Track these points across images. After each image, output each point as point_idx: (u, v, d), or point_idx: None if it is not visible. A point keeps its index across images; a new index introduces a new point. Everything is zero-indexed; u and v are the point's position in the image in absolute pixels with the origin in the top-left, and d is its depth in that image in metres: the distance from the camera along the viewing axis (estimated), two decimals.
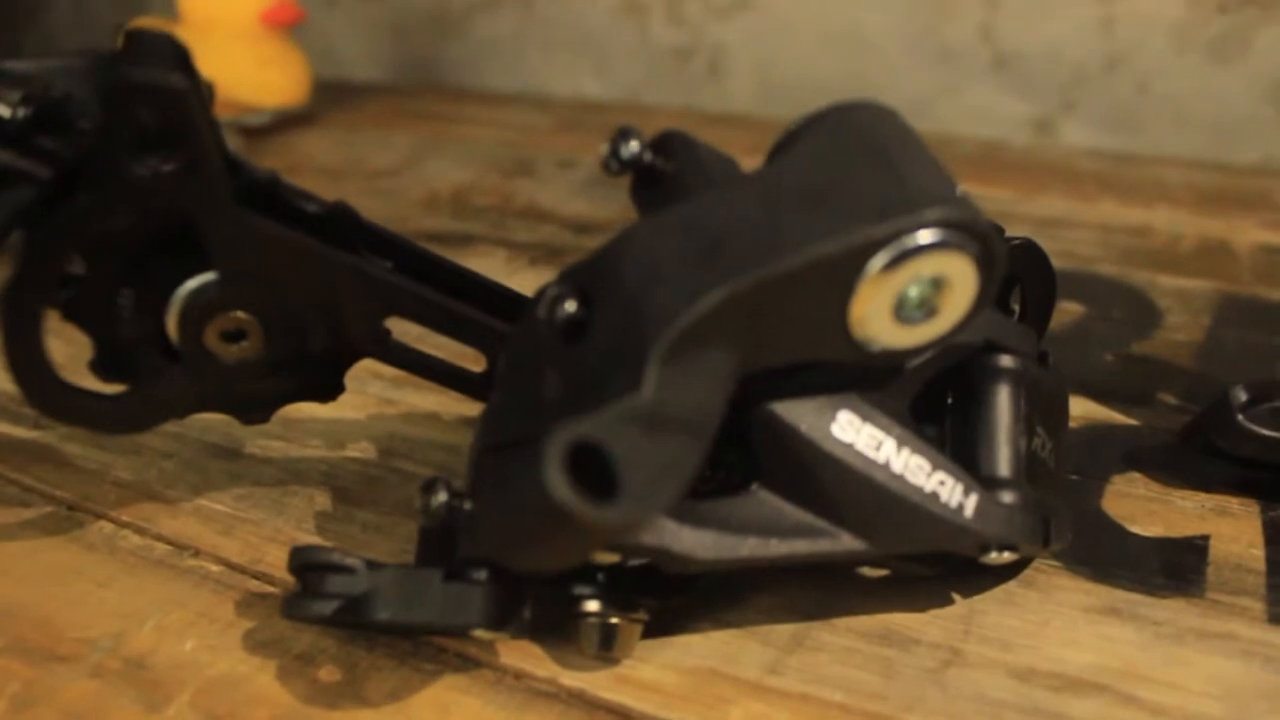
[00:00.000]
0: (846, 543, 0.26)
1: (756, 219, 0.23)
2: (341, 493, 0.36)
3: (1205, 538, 0.33)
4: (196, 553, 0.33)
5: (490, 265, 0.52)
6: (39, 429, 0.40)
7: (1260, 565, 0.32)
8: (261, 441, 0.39)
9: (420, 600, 0.27)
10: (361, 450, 0.38)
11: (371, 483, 0.36)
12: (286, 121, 0.78)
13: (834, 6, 0.74)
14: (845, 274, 0.23)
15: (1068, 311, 0.47)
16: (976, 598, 0.31)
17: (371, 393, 0.41)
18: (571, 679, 0.28)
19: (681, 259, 0.23)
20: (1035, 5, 0.69)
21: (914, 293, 0.24)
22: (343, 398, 0.37)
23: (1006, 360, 0.29)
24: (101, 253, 0.28)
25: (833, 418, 0.26)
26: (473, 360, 0.34)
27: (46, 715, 0.28)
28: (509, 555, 0.23)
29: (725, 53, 0.79)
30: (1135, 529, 0.33)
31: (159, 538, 0.34)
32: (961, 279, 0.24)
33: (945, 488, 0.26)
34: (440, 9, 0.88)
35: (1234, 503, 0.34)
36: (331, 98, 0.82)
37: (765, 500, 0.26)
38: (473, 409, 0.41)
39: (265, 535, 0.34)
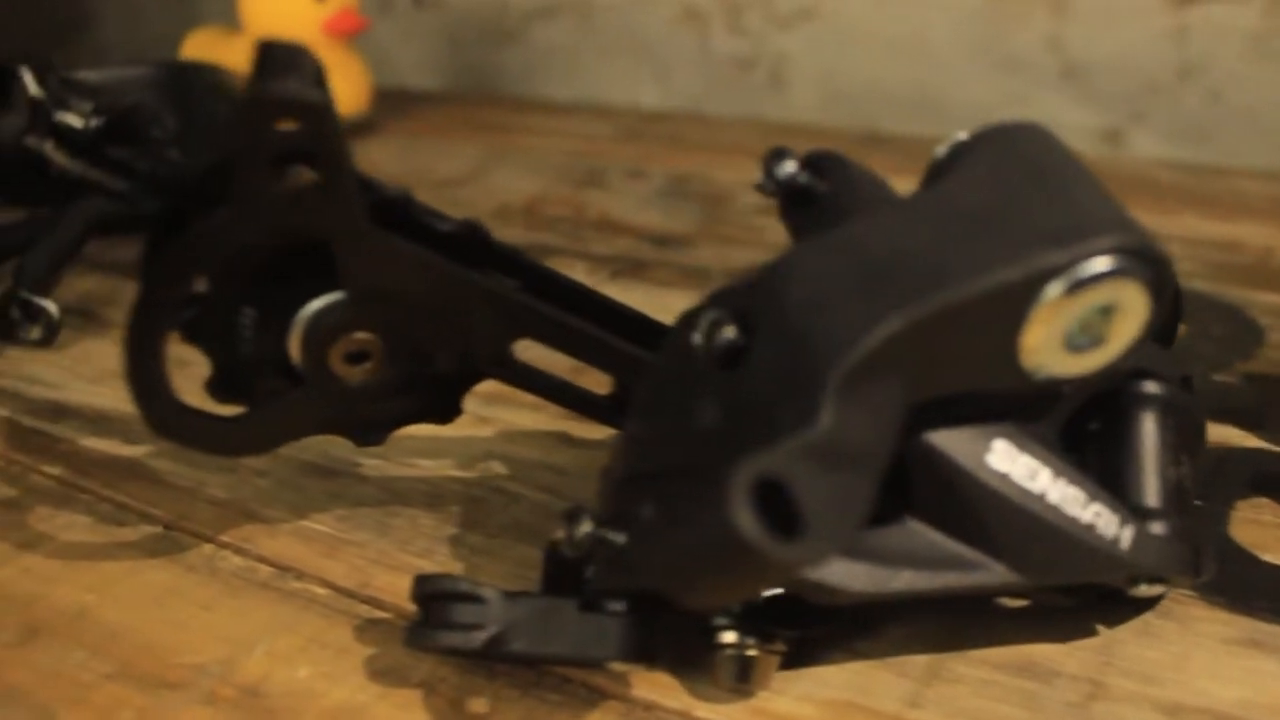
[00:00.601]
0: (1001, 574, 0.25)
1: (925, 244, 0.23)
2: (446, 514, 0.35)
3: None
4: (300, 575, 0.33)
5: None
6: (128, 444, 0.40)
7: None
8: (358, 460, 0.38)
9: (556, 632, 0.26)
10: (462, 469, 0.38)
11: (475, 503, 0.36)
12: (348, 130, 0.76)
13: (899, 14, 0.73)
14: (1020, 302, 0.22)
15: None
16: (1113, 628, 0.30)
17: (466, 410, 0.41)
18: (706, 711, 0.27)
19: (849, 285, 0.23)
20: (1105, 15, 0.68)
21: (1084, 320, 0.23)
22: None
23: (1154, 387, 0.28)
24: (226, 272, 0.28)
25: (988, 447, 0.25)
26: (593, 382, 0.34)
27: None
28: (681, 590, 0.22)
29: (787, 62, 0.78)
30: (1267, 557, 0.32)
31: (260, 559, 0.33)
32: (1132, 306, 0.23)
33: (1102, 519, 0.26)
34: (496, 18, 0.88)
35: None
36: (390, 106, 0.82)
37: (918, 532, 0.25)
38: (572, 428, 0.40)
39: (370, 558, 0.33)
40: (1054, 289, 0.22)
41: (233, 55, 0.67)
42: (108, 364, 0.46)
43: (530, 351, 0.33)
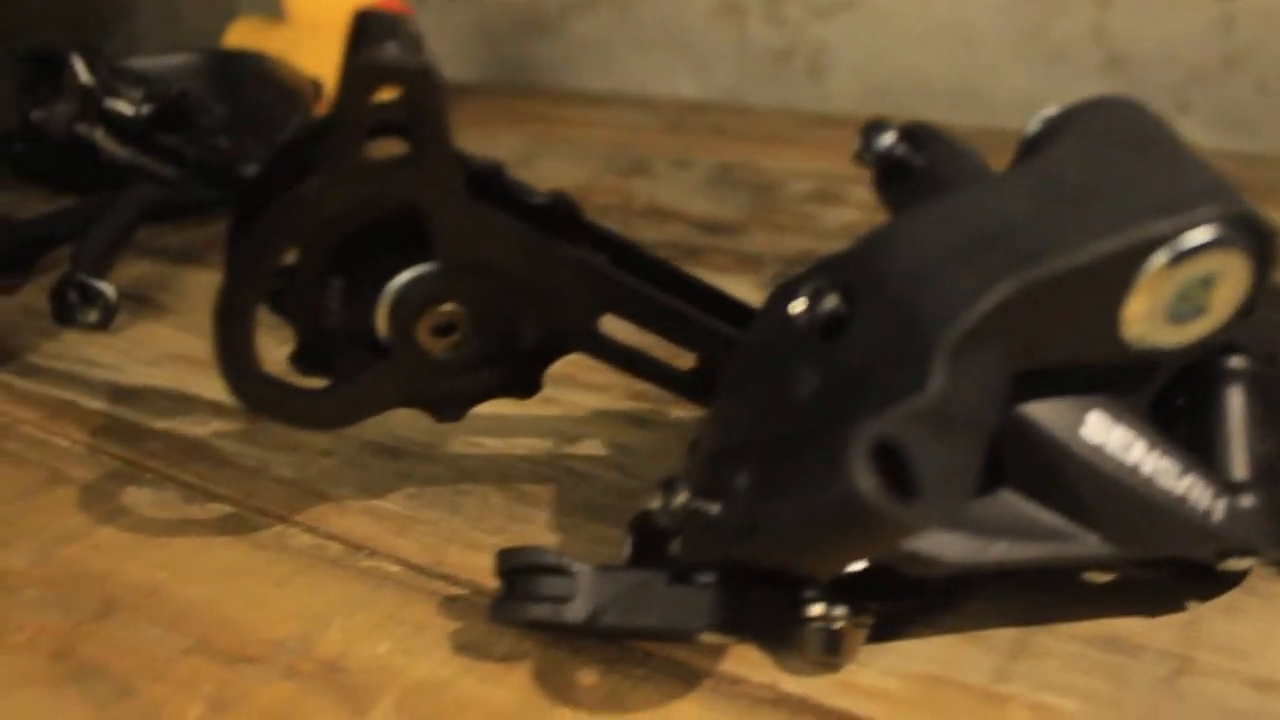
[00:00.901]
0: (1093, 546, 0.25)
1: (1029, 215, 0.23)
2: (517, 493, 0.35)
3: None
4: (372, 553, 0.33)
5: None
6: (189, 424, 0.40)
7: None
8: (424, 440, 0.38)
9: (646, 604, 0.26)
10: (529, 449, 0.38)
11: (546, 482, 0.36)
12: None
13: (938, 3, 0.73)
14: (1124, 271, 0.22)
15: None
16: (1197, 604, 0.30)
17: None
18: (792, 685, 0.27)
19: (954, 254, 0.23)
20: (1149, 4, 0.68)
21: (1186, 290, 0.23)
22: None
23: (1241, 361, 0.28)
24: (316, 243, 0.28)
25: (1082, 419, 0.25)
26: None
27: (246, 717, 0.27)
28: (791, 557, 0.22)
29: (826, 52, 0.78)
30: None
31: (330, 537, 0.33)
32: (1235, 276, 0.23)
33: (1194, 491, 0.26)
34: (533, 9, 0.88)
35: None
36: None
37: (1012, 503, 0.25)
38: (639, 409, 0.40)
39: (443, 536, 0.33)
40: (1159, 258, 0.22)
41: (275, 45, 0.67)
42: (164, 347, 0.46)
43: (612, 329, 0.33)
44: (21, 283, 0.51)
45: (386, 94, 0.26)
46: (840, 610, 0.26)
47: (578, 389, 0.41)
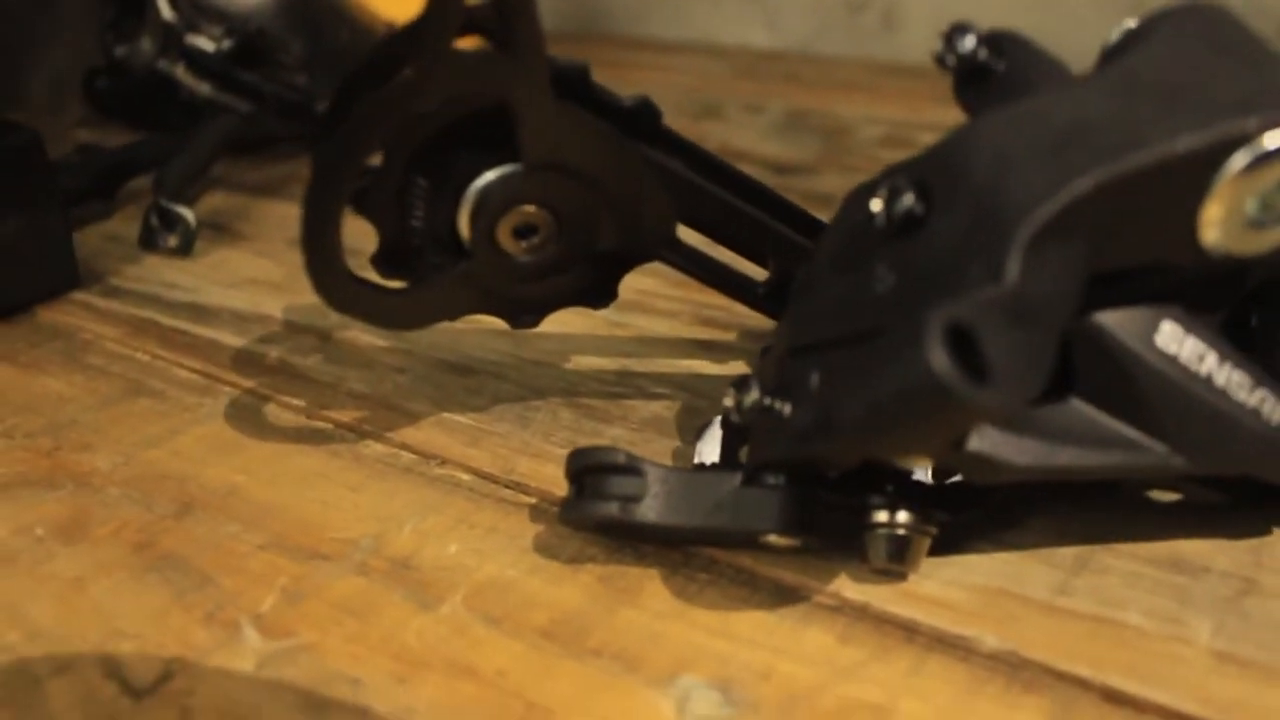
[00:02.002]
0: (1164, 458, 0.25)
1: (1112, 114, 0.23)
2: (586, 408, 0.36)
3: None
4: (444, 462, 0.33)
5: None
6: (265, 343, 0.41)
7: None
8: (494, 359, 0.39)
9: (714, 505, 0.27)
10: (598, 368, 0.38)
11: (614, 400, 0.36)
12: None
13: None
14: (1205, 171, 0.22)
15: None
16: (1265, 529, 0.29)
17: (599, 316, 0.41)
18: (853, 592, 0.28)
19: (1035, 151, 0.23)
20: None
21: (1266, 196, 0.23)
22: (571, 320, 0.37)
23: None
24: (401, 142, 0.28)
25: (1156, 328, 0.25)
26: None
27: (318, 608, 0.28)
28: (868, 445, 0.22)
29: (900, 3, 0.77)
30: None
31: (404, 446, 0.34)
32: None
33: (1267, 405, 0.25)
34: None
35: None
36: None
37: (1082, 411, 0.25)
38: (706, 333, 0.40)
39: (513, 448, 0.34)
40: (1239, 159, 0.22)
41: None
42: (241, 271, 0.47)
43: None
44: (106, 208, 0.52)
45: None
46: (905, 517, 0.27)
47: (646, 314, 0.41)
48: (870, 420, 0.21)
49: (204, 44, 0.55)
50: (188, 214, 0.48)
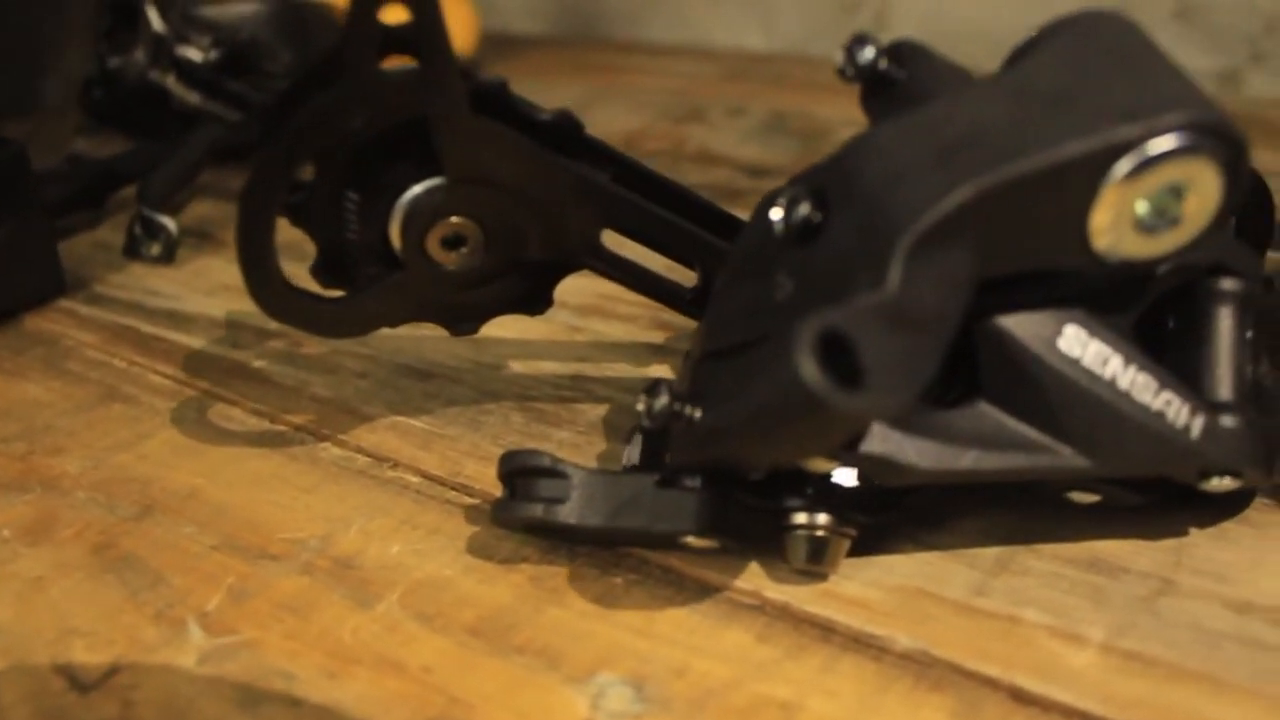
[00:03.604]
0: (1068, 460, 0.26)
1: (1001, 121, 0.23)
2: (537, 412, 0.36)
3: None
4: (396, 464, 0.34)
5: None
6: (237, 348, 0.42)
7: None
8: (453, 364, 0.40)
9: (633, 506, 0.27)
10: (553, 373, 0.39)
11: (565, 404, 0.37)
12: None
13: None
14: (1090, 178, 0.23)
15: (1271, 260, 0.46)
16: (1188, 531, 0.30)
17: (559, 321, 0.42)
18: (775, 592, 0.28)
19: (925, 160, 0.23)
20: None
21: (1156, 200, 0.23)
22: (530, 326, 0.37)
23: (1232, 283, 0.28)
24: (332, 157, 0.29)
25: (1059, 331, 0.25)
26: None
27: (261, 606, 0.29)
28: (748, 448, 0.23)
29: (892, 4, 0.77)
30: None
31: (359, 450, 0.35)
32: (1206, 186, 0.23)
33: (1172, 407, 0.26)
34: None
35: None
36: (496, 49, 0.83)
37: (988, 414, 0.26)
38: (660, 336, 0.41)
39: (463, 450, 0.35)
40: (1124, 165, 0.22)
41: None
42: (222, 279, 0.48)
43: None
44: (94, 218, 0.54)
45: (396, 15, 0.27)
46: (824, 519, 0.27)
47: (606, 319, 0.42)
48: (752, 426, 0.22)
49: (192, 54, 0.57)
50: (169, 223, 0.49)
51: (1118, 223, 0.23)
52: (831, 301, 0.22)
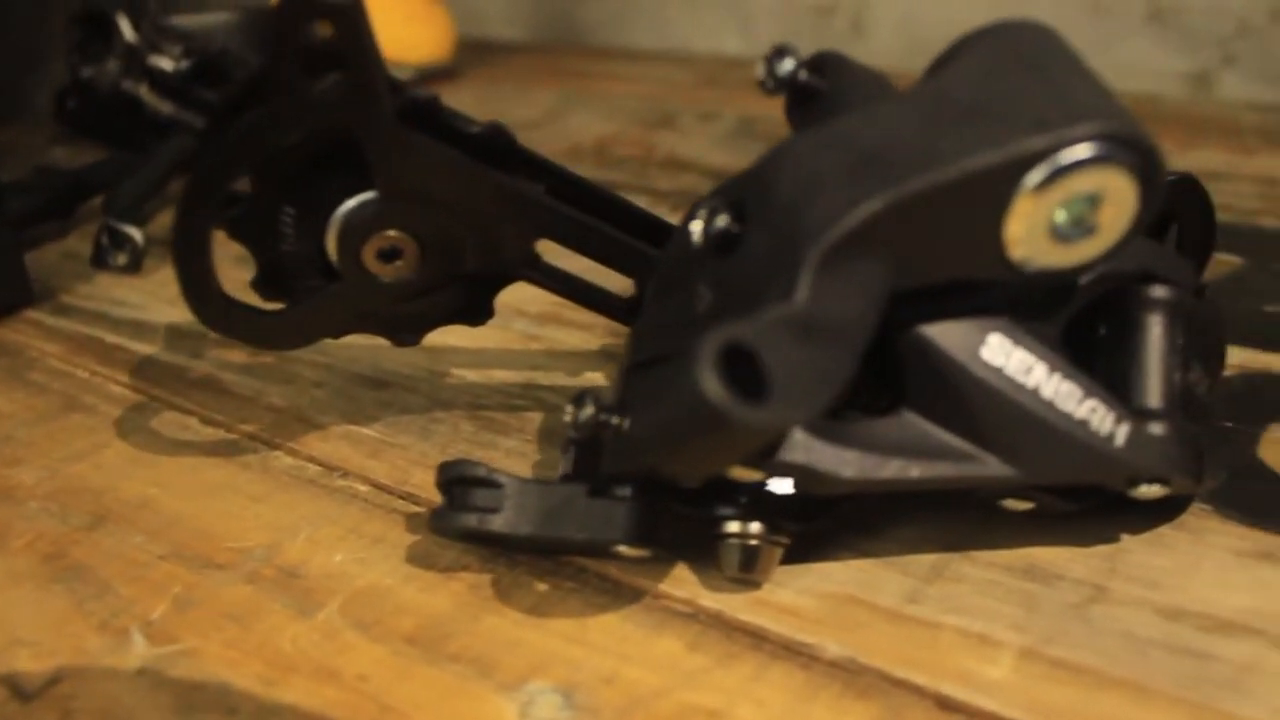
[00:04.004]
0: (993, 469, 0.26)
1: (913, 133, 0.23)
2: (487, 420, 0.37)
3: None
4: (345, 474, 0.35)
5: None
6: (197, 358, 0.42)
7: None
8: (408, 373, 0.40)
9: (565, 516, 0.27)
10: (505, 381, 0.39)
11: (516, 411, 0.37)
12: (430, 78, 0.80)
13: None
14: (1001, 189, 0.23)
15: (1225, 263, 0.46)
16: (1123, 537, 0.30)
17: (516, 329, 0.42)
18: (709, 600, 0.29)
19: (838, 172, 0.23)
20: None
21: (1071, 209, 0.23)
22: (487, 334, 0.38)
23: (1162, 291, 0.28)
24: (268, 171, 0.29)
25: (983, 341, 0.26)
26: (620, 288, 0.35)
27: (204, 615, 0.29)
28: (661, 460, 0.23)
29: (869, 8, 0.78)
30: None
31: (310, 459, 0.35)
32: (1120, 195, 0.23)
33: (1096, 415, 0.26)
34: None
35: None
36: (475, 55, 0.84)
37: (912, 423, 0.26)
38: (615, 344, 0.41)
39: (412, 459, 0.35)
40: (1034, 176, 0.23)
41: None
42: None
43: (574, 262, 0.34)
44: (63, 228, 0.54)
45: (325, 30, 0.27)
46: (755, 528, 0.28)
47: (562, 327, 0.42)
48: (662, 438, 0.22)
49: (164, 64, 0.57)
50: (136, 233, 0.49)
51: (1033, 233, 0.23)
52: (747, 312, 0.22)
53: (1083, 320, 0.28)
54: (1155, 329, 0.27)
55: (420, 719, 0.26)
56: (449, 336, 0.40)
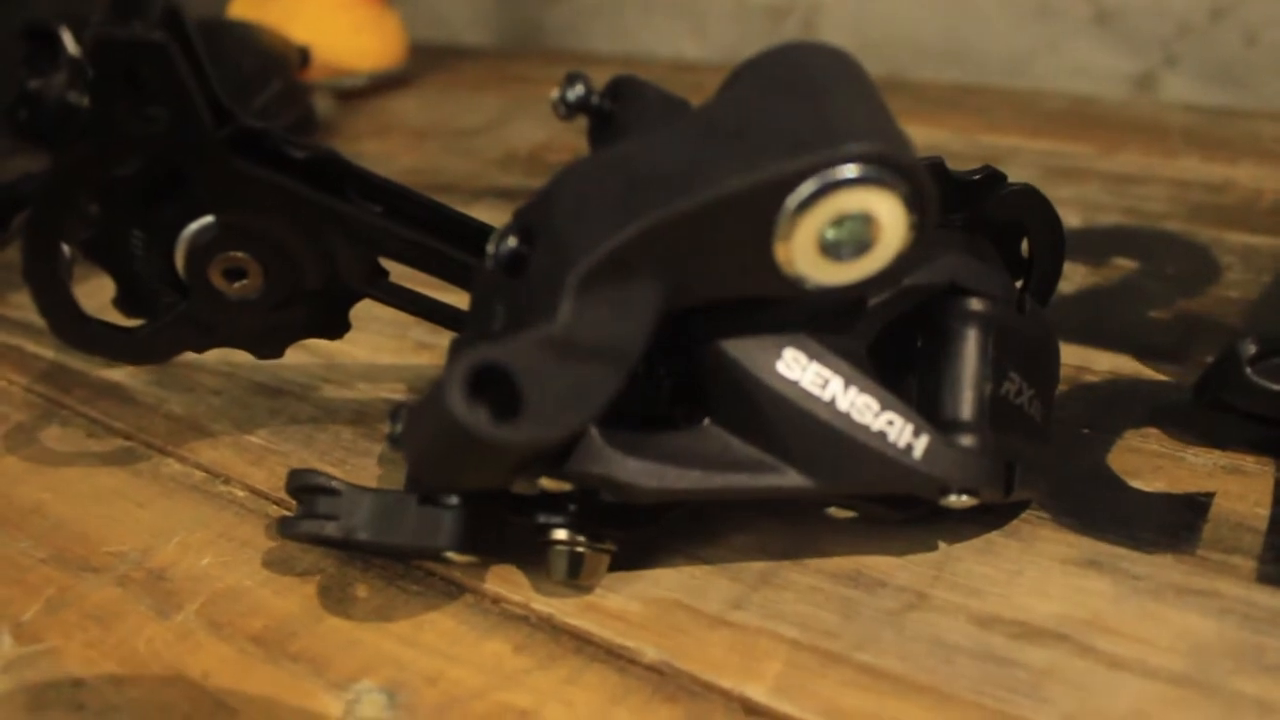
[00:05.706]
0: (793, 479, 0.27)
1: (679, 157, 0.24)
2: (368, 429, 0.38)
3: (1210, 495, 0.32)
4: (228, 480, 0.36)
5: None
6: (107, 367, 0.43)
7: (1262, 524, 0.31)
8: (304, 381, 0.41)
9: (397, 523, 0.28)
10: (393, 390, 0.40)
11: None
12: (382, 84, 0.81)
13: None
14: (761, 211, 0.23)
15: (1121, 268, 0.46)
16: (955, 545, 0.31)
17: (411, 337, 0.43)
18: (542, 604, 0.30)
19: (607, 196, 0.24)
20: None
21: (842, 229, 0.24)
22: (381, 342, 0.39)
23: (972, 303, 0.28)
24: (112, 196, 0.31)
25: (778, 355, 0.26)
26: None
27: (72, 617, 0.30)
28: (428, 474, 0.24)
29: (820, 11, 0.78)
30: (1138, 484, 0.33)
31: (197, 466, 0.37)
32: (890, 216, 0.24)
33: (894, 428, 0.27)
34: None
35: (1249, 461, 0.33)
36: (432, 61, 0.85)
37: (715, 435, 0.27)
38: None
39: (292, 465, 0.36)
40: (796, 197, 0.23)
41: (273, 14, 0.70)
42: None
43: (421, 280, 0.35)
44: (2, 239, 0.55)
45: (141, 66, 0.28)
46: (581, 536, 0.28)
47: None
48: (425, 453, 0.23)
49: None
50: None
51: (804, 252, 0.24)
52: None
53: (904, 333, 0.29)
54: (965, 341, 0.28)
55: (250, 714, 0.27)
56: (345, 346, 0.42)
